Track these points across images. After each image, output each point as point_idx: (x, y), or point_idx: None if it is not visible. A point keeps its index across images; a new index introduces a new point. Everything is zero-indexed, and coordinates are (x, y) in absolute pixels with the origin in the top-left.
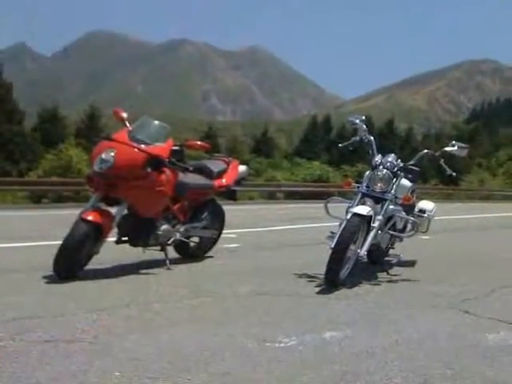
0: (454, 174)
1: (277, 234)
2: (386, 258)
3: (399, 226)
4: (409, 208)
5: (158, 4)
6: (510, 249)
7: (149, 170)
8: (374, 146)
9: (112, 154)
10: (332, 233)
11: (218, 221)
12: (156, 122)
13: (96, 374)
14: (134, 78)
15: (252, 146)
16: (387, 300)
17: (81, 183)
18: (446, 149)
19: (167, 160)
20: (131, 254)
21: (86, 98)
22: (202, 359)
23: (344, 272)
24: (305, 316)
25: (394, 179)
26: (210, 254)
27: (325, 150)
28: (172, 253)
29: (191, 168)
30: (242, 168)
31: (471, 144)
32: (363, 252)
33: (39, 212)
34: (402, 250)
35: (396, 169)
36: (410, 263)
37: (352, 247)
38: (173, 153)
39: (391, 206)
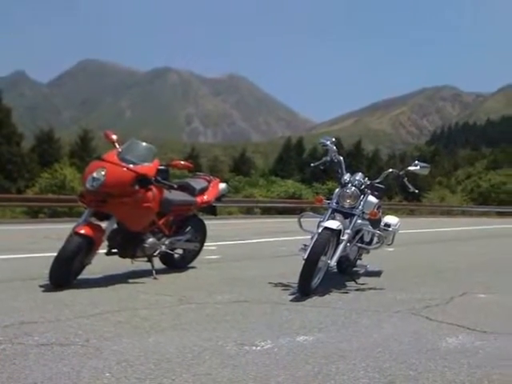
0: (417, 191)
1: (254, 246)
2: (354, 269)
3: (366, 238)
4: (375, 222)
5: (145, 35)
6: (468, 260)
7: (136, 187)
8: (343, 166)
9: (103, 172)
10: (304, 245)
11: (200, 234)
12: (143, 144)
13: (88, 375)
14: (123, 103)
15: (231, 165)
16: (355, 307)
17: (74, 200)
18: (410, 168)
19: (153, 178)
20: (120, 264)
21: (79, 121)
22: (185, 361)
23: (316, 281)
24: (280, 321)
25: (362, 196)
26: (192, 264)
27: (298, 169)
28: (158, 264)
29: (176, 186)
30: (222, 186)
31: (432, 164)
32: (333, 263)
33: (36, 226)
34: (369, 261)
35: (363, 186)
36: (377, 273)
37: (323, 258)
38: (159, 172)
39: (359, 221)
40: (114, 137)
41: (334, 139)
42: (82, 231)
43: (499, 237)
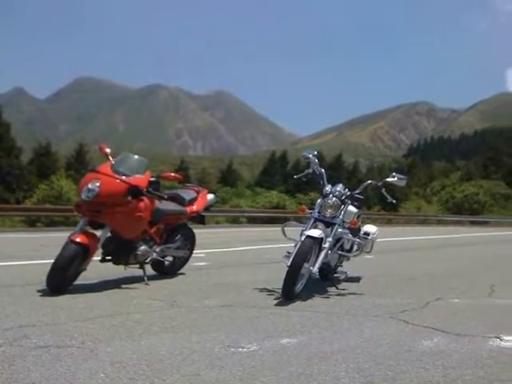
0: (394, 201)
1: (240, 253)
2: (335, 275)
3: (347, 246)
4: (355, 231)
5: (137, 53)
6: (443, 266)
7: (129, 198)
8: (325, 177)
9: (97, 184)
10: (288, 253)
11: (190, 242)
12: (135, 157)
13: (83, 375)
14: (117, 117)
15: (219, 177)
16: (336, 311)
17: (70, 209)
18: (387, 179)
19: (145, 189)
20: (114, 271)
21: (75, 135)
22: (175, 362)
23: (299, 287)
24: (264, 325)
25: (342, 206)
26: (182, 271)
27: (282, 180)
28: (149, 270)
29: (166, 196)
30: (210, 196)
31: (409, 175)
32: (315, 269)
33: (34, 234)
34: (349, 267)
35: (344, 197)
36: (356, 279)
37: (306, 265)
38: (150, 183)
39: (340, 230)
40: (108, 150)
41: (315, 152)
42: (78, 239)
43: (472, 244)
